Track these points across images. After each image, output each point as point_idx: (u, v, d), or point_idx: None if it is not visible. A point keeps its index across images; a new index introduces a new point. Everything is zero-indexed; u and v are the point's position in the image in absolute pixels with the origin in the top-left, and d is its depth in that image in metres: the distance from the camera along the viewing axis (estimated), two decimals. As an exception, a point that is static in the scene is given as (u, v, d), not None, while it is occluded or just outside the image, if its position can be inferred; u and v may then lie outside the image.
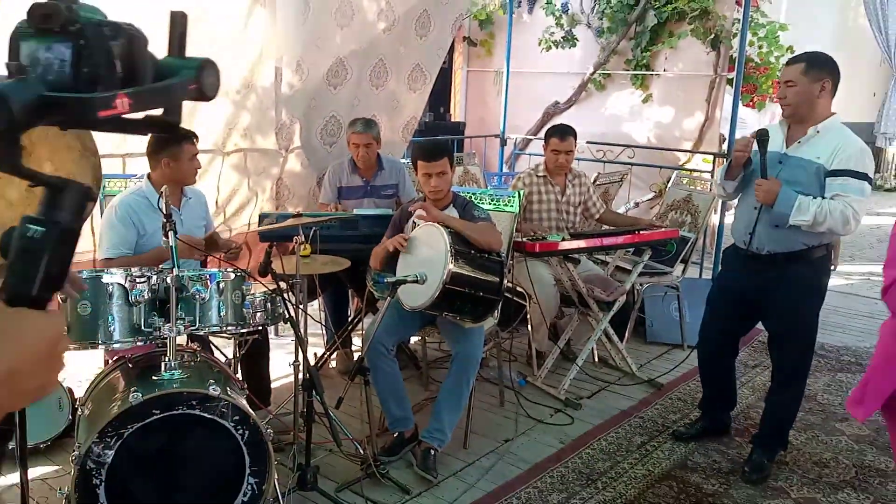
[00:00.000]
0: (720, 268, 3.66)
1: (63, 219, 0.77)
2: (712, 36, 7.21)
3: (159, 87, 0.76)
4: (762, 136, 3.02)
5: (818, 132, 2.98)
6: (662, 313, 5.01)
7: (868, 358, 3.98)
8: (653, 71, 7.86)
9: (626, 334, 4.82)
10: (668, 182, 5.70)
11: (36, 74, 0.69)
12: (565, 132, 4.38)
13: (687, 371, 4.43)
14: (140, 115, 0.77)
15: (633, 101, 8.03)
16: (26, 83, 0.68)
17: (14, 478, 3.02)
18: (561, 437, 3.61)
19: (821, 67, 2.94)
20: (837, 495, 3.12)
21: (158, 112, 0.80)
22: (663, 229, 4.29)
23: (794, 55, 3.06)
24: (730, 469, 3.32)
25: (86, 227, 3.83)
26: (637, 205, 7.39)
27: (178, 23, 0.81)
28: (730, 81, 6.81)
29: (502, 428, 3.68)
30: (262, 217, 4.03)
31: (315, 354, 4.15)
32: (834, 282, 3.97)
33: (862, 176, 2.90)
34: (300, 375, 2.97)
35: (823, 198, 2.91)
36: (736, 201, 3.36)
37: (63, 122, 0.72)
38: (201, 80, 0.78)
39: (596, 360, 4.60)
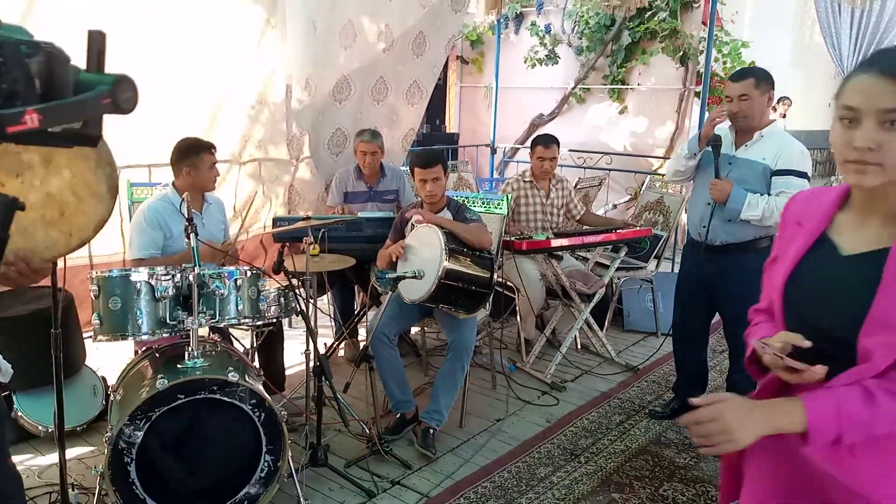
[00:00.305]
0: (680, 261, 3.69)
1: None
2: (681, 53, 7.24)
3: (71, 101, 0.73)
4: (716, 142, 3.08)
5: (762, 136, 3.06)
6: (638, 304, 5.02)
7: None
8: (628, 85, 7.88)
9: (606, 323, 4.83)
10: (642, 186, 5.72)
11: None
12: (549, 141, 4.40)
13: (661, 356, 4.44)
14: (59, 128, 0.73)
15: (611, 112, 8.05)
16: None
17: (53, 458, 3.03)
18: (547, 416, 3.63)
19: (766, 80, 3.03)
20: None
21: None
22: (638, 228, 4.31)
23: (736, 72, 3.14)
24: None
25: (115, 230, 3.86)
26: (615, 206, 7.40)
27: (96, 41, 0.78)
28: (697, 94, 6.85)
29: (494, 409, 3.69)
30: (276, 220, 4.04)
31: (325, 344, 4.15)
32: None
33: (803, 174, 2.99)
34: (311, 363, 2.97)
35: (769, 194, 3.00)
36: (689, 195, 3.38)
37: None
38: (116, 94, 0.75)
39: (578, 347, 4.61)
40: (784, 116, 9.01)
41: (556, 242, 3.88)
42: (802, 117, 9.48)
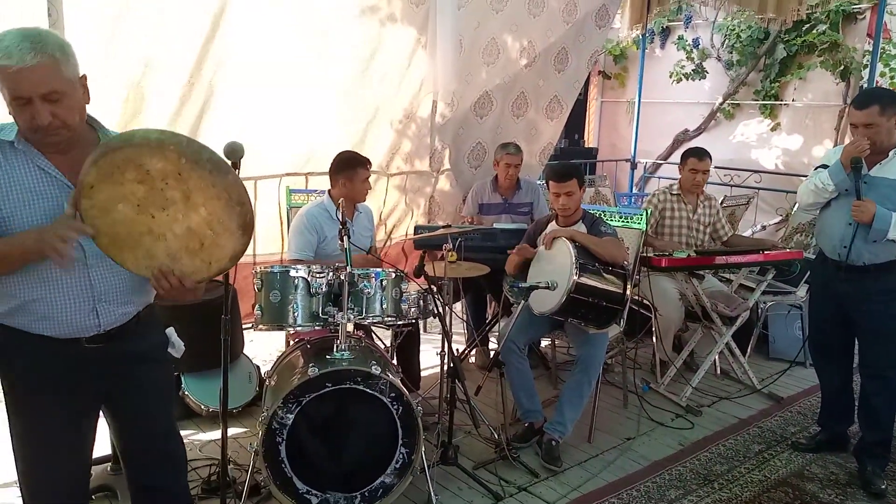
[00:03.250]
0: (811, 279, 3.51)
1: None
2: (842, 67, 6.78)
3: None
4: (857, 164, 2.96)
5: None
6: (785, 331, 4.76)
7: None
8: (781, 101, 7.49)
9: (749, 349, 4.62)
10: (794, 206, 5.41)
11: None
12: (703, 153, 4.31)
13: (808, 387, 4.19)
14: None
15: (761, 129, 7.69)
16: None
17: (212, 435, 3.38)
18: (680, 439, 3.54)
19: (893, 104, 2.92)
20: (964, 516, 2.87)
21: None
22: (788, 250, 4.10)
23: (859, 96, 2.99)
24: (847, 481, 3.13)
25: (276, 232, 4.22)
26: (764, 227, 7.04)
27: None
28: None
29: (625, 427, 3.65)
30: (417, 228, 4.25)
31: (457, 350, 4.29)
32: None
33: None
34: (446, 365, 3.10)
35: None
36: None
37: None
38: None
39: (718, 372, 4.44)
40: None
41: (697, 260, 3.79)
42: None
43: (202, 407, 3.48)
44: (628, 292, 3.27)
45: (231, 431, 3.41)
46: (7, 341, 1.80)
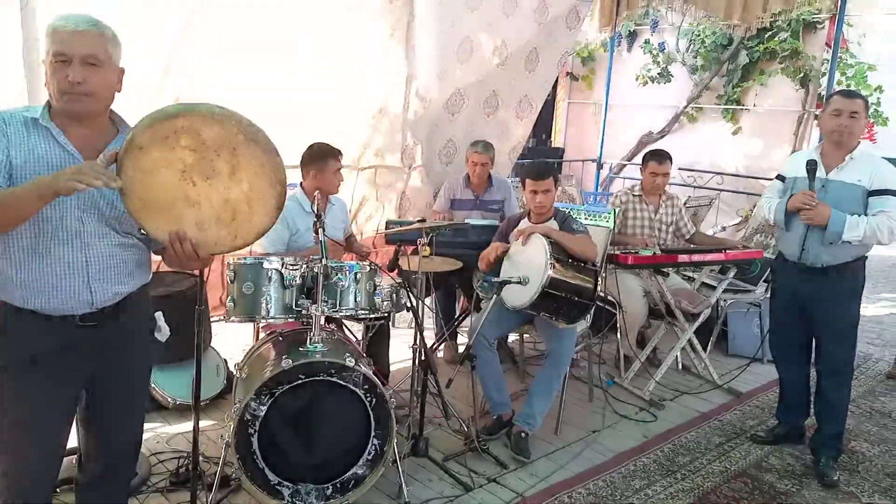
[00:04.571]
0: (773, 278, 3.64)
1: None
2: (802, 74, 6.99)
3: None
4: (811, 167, 3.07)
5: (853, 158, 3.06)
6: (744, 328, 4.89)
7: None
8: (743, 106, 7.68)
9: (709, 346, 4.74)
10: (753, 208, 5.56)
11: None
12: (663, 157, 4.38)
13: (766, 382, 4.32)
14: None
15: (724, 132, 7.88)
16: None
17: (180, 427, 3.34)
18: (644, 432, 3.62)
19: (867, 108, 3.11)
20: (910, 504, 2.99)
21: None
22: (749, 250, 4.22)
23: (843, 90, 3.21)
24: (803, 472, 3.24)
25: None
26: (724, 228, 7.21)
27: None
28: (817, 117, 6.57)
29: (590, 420, 3.71)
30: (388, 223, 4.25)
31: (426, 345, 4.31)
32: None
33: None
34: (418, 357, 3.12)
35: (866, 215, 3.00)
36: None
37: None
38: None
39: (679, 367, 4.54)
40: None
41: (662, 258, 3.87)
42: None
43: (169, 399, 3.44)
44: (599, 288, 3.33)
45: (199, 424, 3.39)
46: None
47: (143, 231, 1.80)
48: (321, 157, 3.44)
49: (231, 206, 1.78)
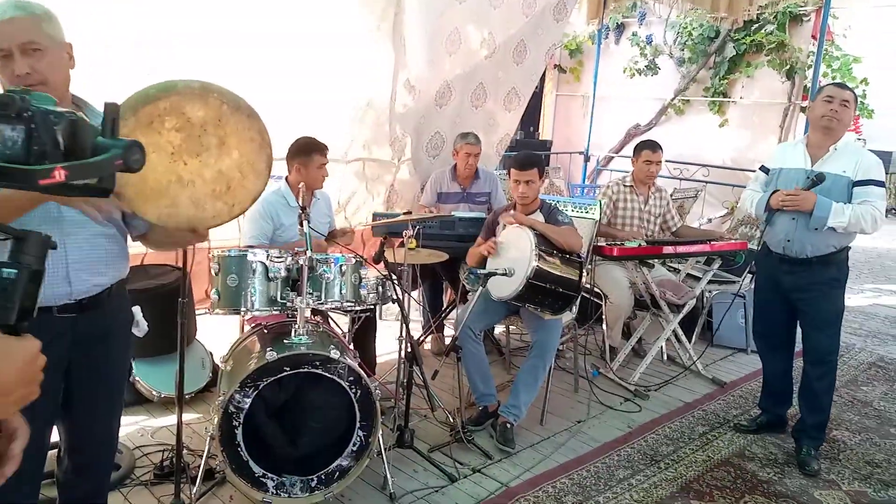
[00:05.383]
0: (756, 270, 3.68)
1: (30, 262, 0.87)
2: (788, 67, 7.02)
3: (91, 162, 0.83)
4: (819, 179, 3.09)
5: (837, 150, 3.11)
6: (729, 319, 4.90)
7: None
8: (730, 98, 7.71)
9: (694, 336, 4.76)
10: (739, 200, 5.59)
11: None
12: (656, 146, 4.41)
13: (750, 372, 4.36)
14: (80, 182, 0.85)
15: (710, 125, 7.90)
16: None
17: (164, 421, 3.33)
18: (629, 422, 3.64)
19: (856, 101, 3.18)
20: (888, 491, 3.02)
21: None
22: (734, 241, 4.24)
23: (834, 82, 3.24)
24: (785, 461, 3.26)
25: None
26: (710, 220, 7.24)
27: (111, 112, 0.87)
28: (803, 109, 6.62)
29: (575, 411, 3.73)
30: (376, 216, 4.24)
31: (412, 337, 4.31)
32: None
33: (881, 183, 3.10)
34: (404, 349, 3.11)
35: (850, 203, 3.05)
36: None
37: (11, 186, 0.81)
38: (126, 157, 0.84)
39: (664, 357, 4.57)
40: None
41: (648, 249, 3.88)
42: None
43: (153, 392, 3.43)
44: (584, 280, 3.34)
45: (184, 417, 3.37)
46: None
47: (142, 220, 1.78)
48: (306, 151, 3.42)
49: (224, 177, 1.75)
